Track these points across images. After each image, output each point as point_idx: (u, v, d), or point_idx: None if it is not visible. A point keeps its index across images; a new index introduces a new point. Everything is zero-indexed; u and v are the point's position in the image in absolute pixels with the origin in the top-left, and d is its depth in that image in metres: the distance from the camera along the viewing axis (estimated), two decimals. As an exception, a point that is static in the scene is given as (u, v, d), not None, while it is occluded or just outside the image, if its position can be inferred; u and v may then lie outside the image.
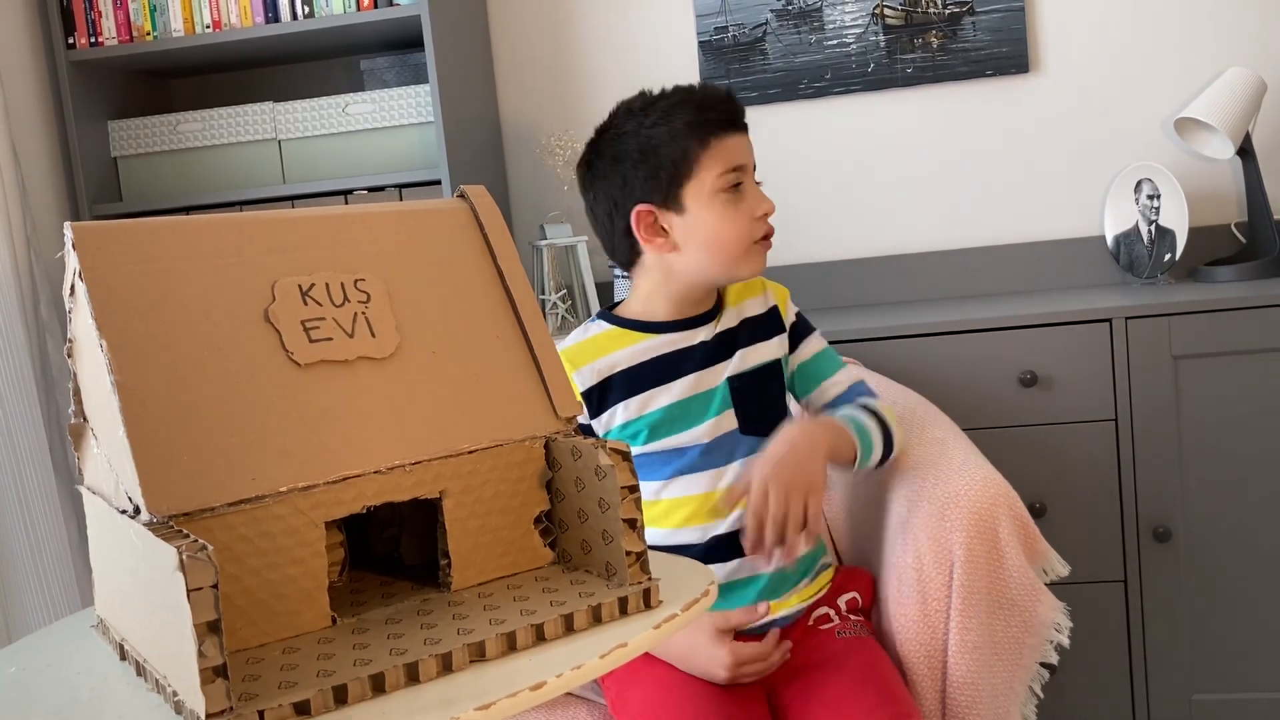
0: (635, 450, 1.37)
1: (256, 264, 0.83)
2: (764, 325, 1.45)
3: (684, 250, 1.35)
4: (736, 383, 1.40)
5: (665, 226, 1.35)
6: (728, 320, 1.43)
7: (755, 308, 1.46)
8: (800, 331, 1.48)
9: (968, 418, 1.90)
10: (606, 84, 2.47)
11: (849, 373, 1.49)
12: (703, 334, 1.41)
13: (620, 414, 1.38)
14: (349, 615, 0.82)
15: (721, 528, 1.37)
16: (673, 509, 1.38)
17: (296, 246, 0.86)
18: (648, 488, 1.38)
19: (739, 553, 1.35)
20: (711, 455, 1.38)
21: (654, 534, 1.38)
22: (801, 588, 1.41)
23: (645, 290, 1.42)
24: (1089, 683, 1.97)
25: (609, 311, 1.45)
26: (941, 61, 2.34)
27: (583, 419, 1.38)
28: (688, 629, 1.28)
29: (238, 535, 0.74)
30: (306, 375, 0.81)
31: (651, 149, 1.34)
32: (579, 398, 1.33)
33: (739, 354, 1.41)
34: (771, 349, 1.44)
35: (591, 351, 1.39)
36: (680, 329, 1.41)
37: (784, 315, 1.47)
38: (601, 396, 1.38)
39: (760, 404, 1.41)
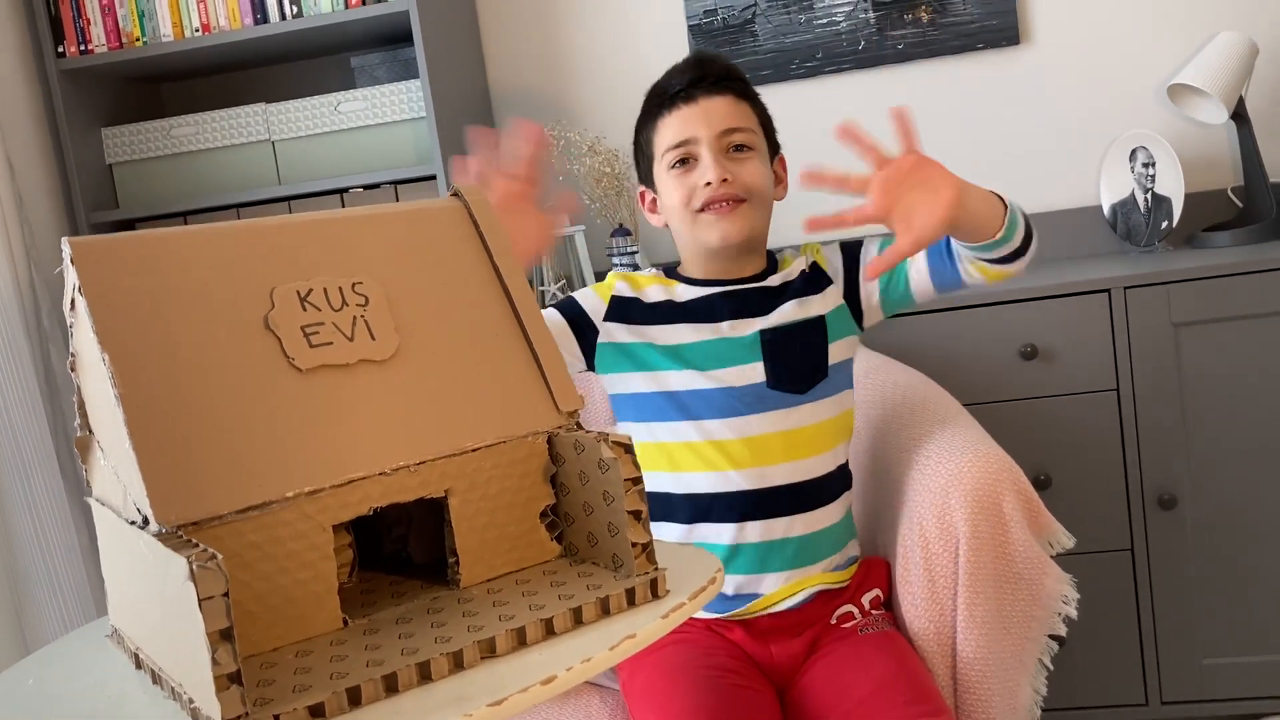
0: (657, 388, 1.41)
1: (254, 271, 0.84)
2: (808, 282, 1.46)
3: (669, 222, 1.48)
4: (769, 335, 1.41)
5: (657, 202, 1.50)
6: (771, 282, 1.46)
7: (796, 270, 1.48)
8: (853, 252, 1.48)
9: (969, 393, 1.90)
10: (598, 72, 2.46)
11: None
12: (742, 288, 1.45)
13: (624, 333, 1.43)
14: (360, 616, 0.83)
15: (744, 482, 1.37)
16: (693, 452, 1.39)
17: (293, 252, 0.86)
18: (666, 429, 1.41)
19: (766, 513, 1.37)
20: (735, 402, 1.38)
21: (663, 479, 1.41)
22: (825, 569, 1.41)
23: (682, 255, 1.51)
24: (1099, 652, 1.98)
25: (668, 264, 1.53)
26: (932, 36, 2.33)
27: (592, 305, 1.45)
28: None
29: (246, 542, 0.75)
30: (308, 380, 0.81)
31: (635, 138, 1.51)
32: (606, 298, 1.46)
33: (777, 310, 1.43)
34: (816, 304, 1.44)
35: (634, 281, 1.48)
36: (722, 285, 1.46)
37: (824, 264, 1.48)
38: (623, 307, 1.45)
39: (791, 360, 1.41)
